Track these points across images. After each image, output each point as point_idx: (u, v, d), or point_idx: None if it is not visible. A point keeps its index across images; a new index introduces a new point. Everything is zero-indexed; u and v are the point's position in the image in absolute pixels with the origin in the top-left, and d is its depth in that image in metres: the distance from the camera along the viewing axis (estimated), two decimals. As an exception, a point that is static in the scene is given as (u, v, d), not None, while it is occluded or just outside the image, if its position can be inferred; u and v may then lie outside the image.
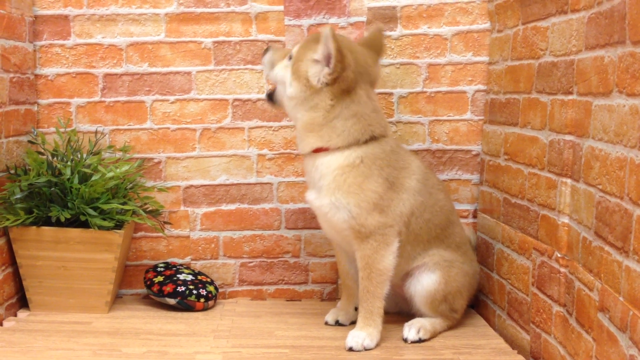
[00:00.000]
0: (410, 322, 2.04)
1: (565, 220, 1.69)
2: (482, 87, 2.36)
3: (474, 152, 2.39)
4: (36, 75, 2.37)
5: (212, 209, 2.46)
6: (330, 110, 1.89)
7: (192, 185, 2.45)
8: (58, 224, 2.15)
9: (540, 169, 1.84)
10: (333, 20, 2.38)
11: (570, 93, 1.67)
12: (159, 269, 2.36)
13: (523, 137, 1.97)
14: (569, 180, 1.67)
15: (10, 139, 2.17)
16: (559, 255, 1.71)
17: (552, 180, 1.76)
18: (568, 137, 1.68)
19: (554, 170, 1.75)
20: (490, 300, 2.23)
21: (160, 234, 2.41)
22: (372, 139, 1.93)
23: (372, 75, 1.99)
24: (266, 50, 2.08)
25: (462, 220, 2.41)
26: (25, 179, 2.09)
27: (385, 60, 2.37)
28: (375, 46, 2.05)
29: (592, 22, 1.55)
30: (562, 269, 1.69)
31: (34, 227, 2.13)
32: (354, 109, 1.90)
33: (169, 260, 2.47)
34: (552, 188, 1.76)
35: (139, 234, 2.45)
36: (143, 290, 2.46)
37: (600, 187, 1.48)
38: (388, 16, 2.37)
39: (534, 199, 1.87)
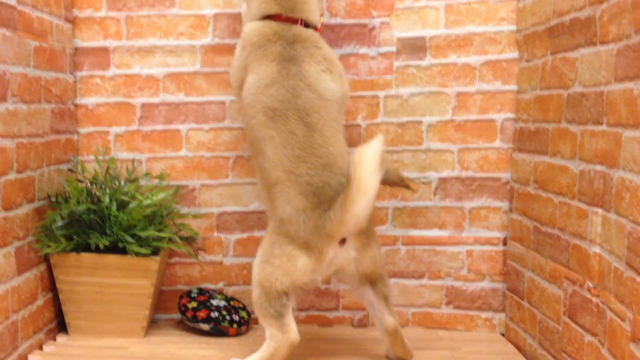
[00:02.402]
0: None
1: (597, 249, 1.70)
2: (511, 115, 2.38)
3: (503, 180, 2.41)
4: (76, 105, 2.45)
5: (244, 235, 2.51)
6: None
7: (225, 212, 2.50)
8: (97, 250, 2.22)
9: (571, 198, 1.85)
10: (363, 50, 2.43)
11: (600, 123, 1.69)
12: (192, 295, 2.41)
13: (553, 165, 1.99)
14: (600, 210, 1.69)
15: (52, 167, 2.25)
16: (590, 285, 1.72)
17: (582, 209, 1.77)
18: (598, 167, 1.69)
19: (584, 200, 1.77)
20: (521, 328, 2.23)
21: (194, 260, 2.47)
22: None
23: None
24: None
25: (492, 248, 2.43)
26: (66, 207, 2.16)
27: (414, 88, 2.42)
28: None
29: (621, 54, 1.58)
30: (594, 299, 1.70)
31: (74, 254, 2.19)
32: None
33: (203, 285, 2.52)
34: (583, 217, 1.77)
35: (174, 259, 2.50)
36: (177, 316, 2.51)
37: (631, 217, 1.49)
38: (417, 46, 2.41)
39: (565, 228, 1.89)
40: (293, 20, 2.05)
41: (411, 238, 2.49)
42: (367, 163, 1.75)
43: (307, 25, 2.08)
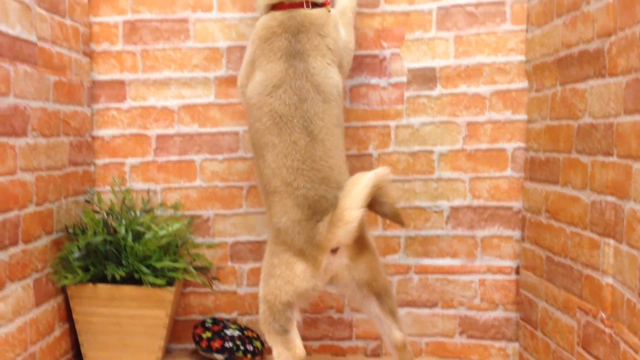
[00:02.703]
0: None
1: (609, 280, 1.71)
2: (521, 144, 2.40)
3: (515, 209, 2.42)
4: (93, 137, 2.50)
5: (258, 264, 2.53)
6: None
7: (239, 242, 2.53)
8: (113, 280, 2.24)
9: (583, 228, 1.87)
10: (374, 80, 2.46)
11: (610, 155, 1.71)
12: (207, 325, 2.43)
13: (564, 195, 2.00)
14: (611, 241, 1.70)
15: (69, 199, 2.29)
16: (604, 316, 1.72)
17: (594, 240, 1.79)
18: (609, 198, 1.71)
19: (596, 230, 1.78)
20: (534, 358, 2.23)
21: (208, 290, 2.49)
22: None
23: None
24: None
25: (504, 277, 2.44)
26: (82, 238, 2.19)
27: (425, 118, 2.45)
28: None
29: (630, 87, 1.60)
30: (607, 330, 1.70)
31: (90, 285, 2.22)
32: None
33: (217, 315, 2.53)
34: (595, 248, 1.78)
35: (188, 289, 2.52)
36: (192, 345, 2.53)
37: (643, 249, 1.51)
38: (427, 76, 2.45)
39: (577, 258, 1.90)
40: (297, 5, 2.06)
41: (423, 267, 2.50)
42: (354, 196, 1.79)
43: (314, 4, 2.08)
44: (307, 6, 2.06)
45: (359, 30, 2.44)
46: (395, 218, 1.97)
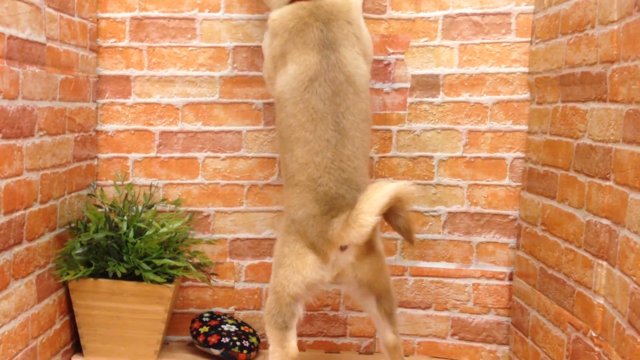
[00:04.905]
0: None
1: (601, 301, 1.75)
2: (520, 154, 2.43)
3: (511, 217, 2.47)
4: (97, 131, 2.52)
5: (256, 261, 2.57)
6: None
7: (238, 238, 2.57)
8: (114, 276, 2.28)
9: (577, 246, 1.91)
10: (378, 85, 2.48)
11: (607, 179, 1.74)
12: (204, 319, 2.48)
13: (560, 211, 2.04)
14: (604, 263, 1.74)
15: (73, 194, 2.32)
16: (593, 335, 1.77)
17: (588, 259, 1.83)
18: (605, 221, 1.75)
19: (590, 250, 1.82)
20: (524, 364, 2.29)
21: (207, 284, 2.53)
22: None
23: None
24: None
25: (498, 282, 2.49)
26: (85, 234, 2.23)
27: (426, 124, 2.47)
28: None
29: (630, 117, 1.63)
30: (597, 348, 1.75)
31: (91, 279, 2.26)
32: None
33: (214, 309, 2.58)
34: (588, 267, 1.82)
35: (186, 283, 2.57)
36: (189, 337, 2.58)
37: (634, 278, 1.55)
38: (431, 83, 2.47)
39: (570, 275, 1.94)
40: None
41: (419, 269, 2.55)
42: (373, 202, 1.82)
43: None
44: None
45: (364, 35, 2.46)
46: (407, 235, 2.01)
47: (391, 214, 1.93)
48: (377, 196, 1.82)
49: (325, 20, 1.97)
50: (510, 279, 2.50)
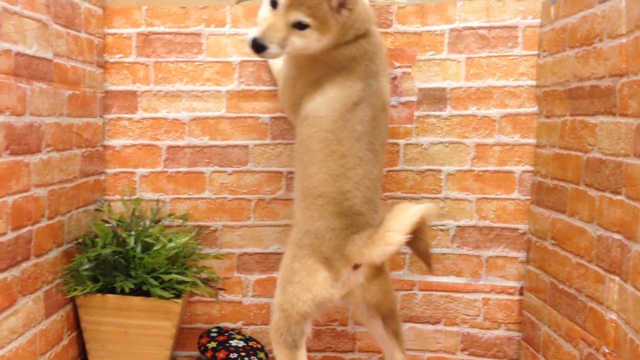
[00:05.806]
0: None
1: (613, 316, 1.73)
2: (529, 168, 2.42)
3: (520, 231, 2.45)
4: (104, 146, 2.52)
5: (264, 276, 2.56)
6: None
7: (245, 253, 2.56)
8: (121, 291, 2.27)
9: (588, 261, 1.89)
10: (385, 98, 2.48)
11: (619, 193, 1.73)
12: (212, 335, 2.46)
13: (571, 226, 2.02)
14: (617, 278, 1.72)
15: (80, 209, 2.31)
16: (606, 351, 1.75)
17: (600, 274, 1.81)
18: (616, 236, 1.73)
19: (602, 265, 1.80)
20: (535, 380, 2.26)
21: (214, 299, 2.52)
22: None
23: None
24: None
25: (508, 297, 2.47)
26: (92, 250, 2.22)
27: (434, 138, 2.46)
28: None
29: (641, 131, 1.62)
30: (609, 365, 1.73)
31: (99, 295, 2.25)
32: None
33: (222, 324, 2.57)
34: (600, 282, 1.80)
35: (194, 298, 2.56)
36: (196, 353, 2.56)
37: (647, 294, 1.53)
38: (438, 97, 2.46)
39: (582, 290, 1.92)
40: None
41: (428, 284, 2.53)
42: (402, 221, 1.81)
43: None
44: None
45: (371, 49, 2.45)
46: (426, 258, 2.00)
47: (414, 236, 1.92)
48: (405, 216, 1.82)
49: (372, 57, 2.01)
50: (521, 293, 2.47)
